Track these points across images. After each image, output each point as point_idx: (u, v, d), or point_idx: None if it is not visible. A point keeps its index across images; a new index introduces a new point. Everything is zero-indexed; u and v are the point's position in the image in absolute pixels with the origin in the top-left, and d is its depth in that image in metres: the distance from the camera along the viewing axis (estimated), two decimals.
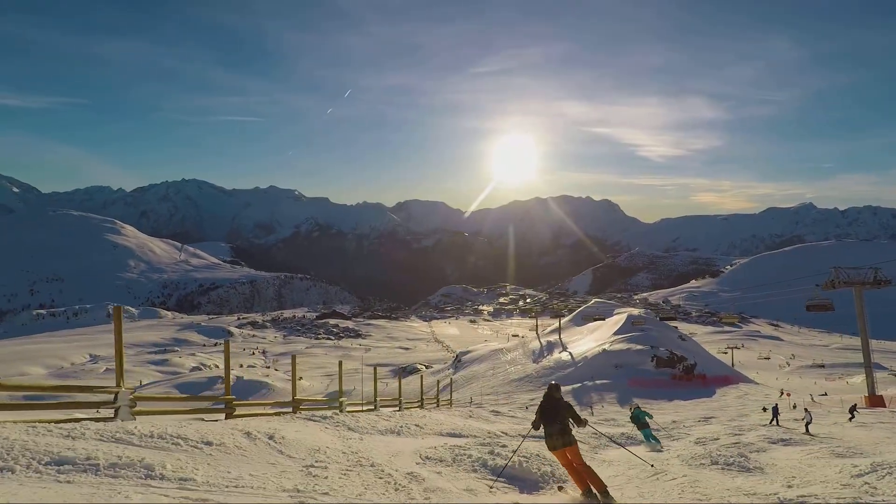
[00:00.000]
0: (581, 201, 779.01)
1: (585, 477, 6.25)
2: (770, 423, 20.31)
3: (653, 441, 13.30)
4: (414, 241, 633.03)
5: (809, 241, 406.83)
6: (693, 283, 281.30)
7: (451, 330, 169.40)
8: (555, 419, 6.46)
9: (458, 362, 64.29)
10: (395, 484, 5.53)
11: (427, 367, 74.84)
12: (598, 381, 38.49)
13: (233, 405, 8.71)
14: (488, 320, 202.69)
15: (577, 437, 6.59)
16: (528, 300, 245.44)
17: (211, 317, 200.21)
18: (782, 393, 39.67)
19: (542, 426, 6.61)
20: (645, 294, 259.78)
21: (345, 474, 5.56)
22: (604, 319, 57.81)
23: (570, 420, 6.50)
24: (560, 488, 6.95)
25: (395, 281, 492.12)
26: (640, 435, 13.95)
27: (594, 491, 6.13)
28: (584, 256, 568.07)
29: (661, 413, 30.25)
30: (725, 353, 73.85)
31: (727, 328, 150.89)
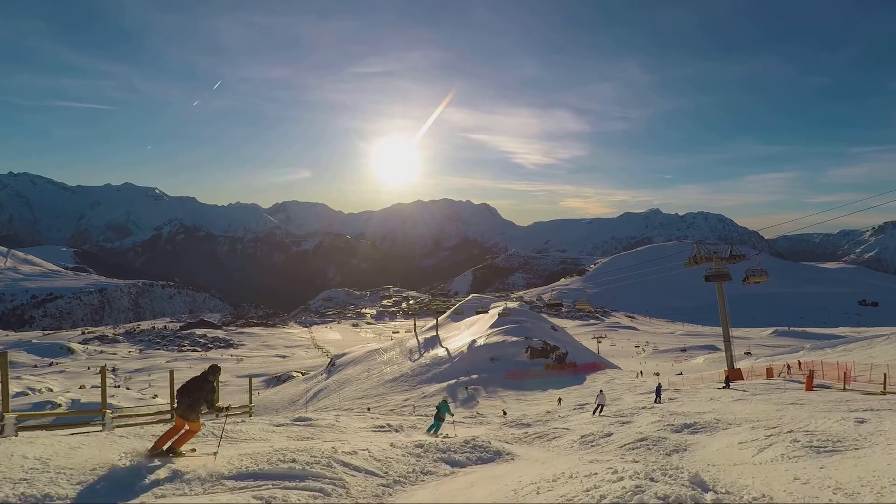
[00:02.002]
0: (461, 205, 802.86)
1: (178, 438, 7.05)
2: (655, 402, 21.45)
3: (432, 431, 13.78)
4: (293, 244, 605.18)
5: (657, 241, 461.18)
6: (563, 281, 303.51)
7: (332, 335, 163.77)
8: (190, 393, 6.97)
9: (333, 366, 61.48)
10: None
11: (303, 374, 70.75)
12: (473, 376, 38.51)
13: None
14: (371, 323, 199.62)
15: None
16: (410, 301, 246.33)
17: (46, 332, 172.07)
18: (657, 374, 43.44)
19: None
20: (521, 292, 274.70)
21: None
22: (487, 312, 58.59)
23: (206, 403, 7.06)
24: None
25: (273, 286, 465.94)
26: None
27: (167, 448, 6.94)
28: (464, 258, 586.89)
29: (536, 403, 30.94)
30: (600, 342, 80.00)
31: (592, 321, 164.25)
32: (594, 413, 19.21)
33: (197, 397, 6.94)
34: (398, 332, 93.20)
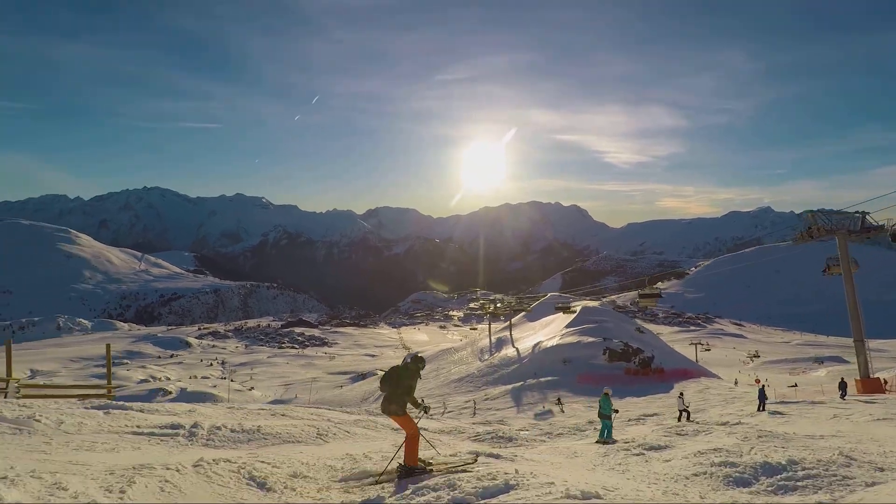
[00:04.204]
0: (550, 207, 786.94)
1: (407, 447, 6.43)
2: (758, 409, 18.80)
3: (605, 436, 12.25)
4: (385, 248, 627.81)
5: (768, 242, 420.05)
6: (659, 284, 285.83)
7: (420, 336, 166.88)
8: (387, 385, 6.48)
9: None
10: None
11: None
12: (542, 379, 36.36)
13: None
14: (458, 325, 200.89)
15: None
16: (497, 304, 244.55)
17: (170, 328, 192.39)
18: (757, 381, 39.02)
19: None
20: (613, 297, 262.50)
21: None
22: (568, 307, 55.67)
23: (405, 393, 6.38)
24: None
25: (366, 288, 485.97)
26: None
27: (402, 462, 6.41)
28: (553, 261, 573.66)
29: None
30: (703, 349, 73.99)
31: (692, 327, 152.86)
32: (679, 419, 17.15)
33: (395, 389, 6.29)
34: (475, 329, 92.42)
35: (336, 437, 10.09)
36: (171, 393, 58.66)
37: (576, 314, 53.71)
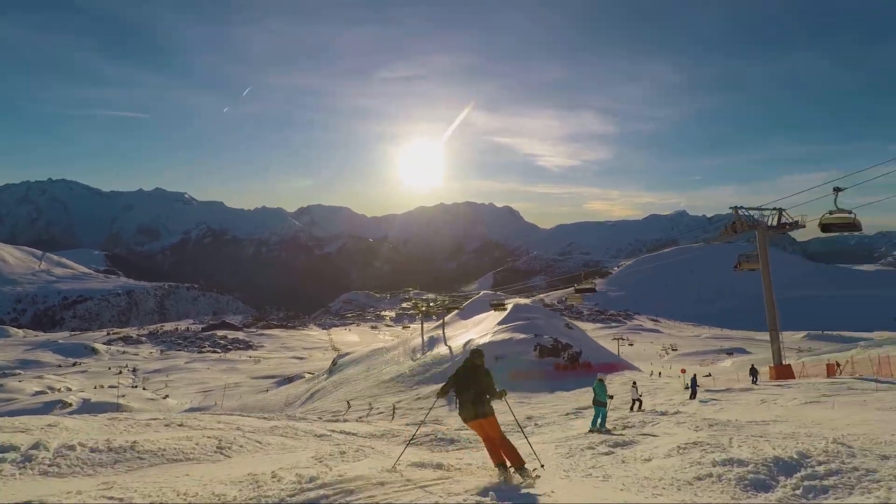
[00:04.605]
0: (484, 208, 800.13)
1: (501, 451, 5.87)
2: (690, 398, 19.47)
3: (599, 424, 11.88)
4: (316, 247, 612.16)
5: (683, 244, 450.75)
6: (585, 283, 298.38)
7: (351, 337, 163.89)
8: (468, 386, 5.95)
9: (335, 366, 60.34)
10: None
11: (311, 375, 70.21)
12: None
13: None
14: (390, 325, 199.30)
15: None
16: (430, 304, 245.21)
17: (73, 333, 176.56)
18: (683, 371, 41.06)
19: (455, 394, 6.10)
20: (542, 295, 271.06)
21: None
22: (503, 305, 56.27)
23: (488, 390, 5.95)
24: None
25: (296, 288, 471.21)
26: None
27: (509, 466, 5.80)
28: (486, 261, 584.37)
29: (540, 406, 29.08)
30: (622, 344, 77.59)
31: (613, 324, 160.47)
32: (632, 409, 17.46)
33: (481, 387, 5.93)
34: (408, 327, 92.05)
35: (243, 450, 8.21)
36: (70, 405, 53.49)
37: (507, 311, 54.49)
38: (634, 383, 20.21)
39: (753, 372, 27.15)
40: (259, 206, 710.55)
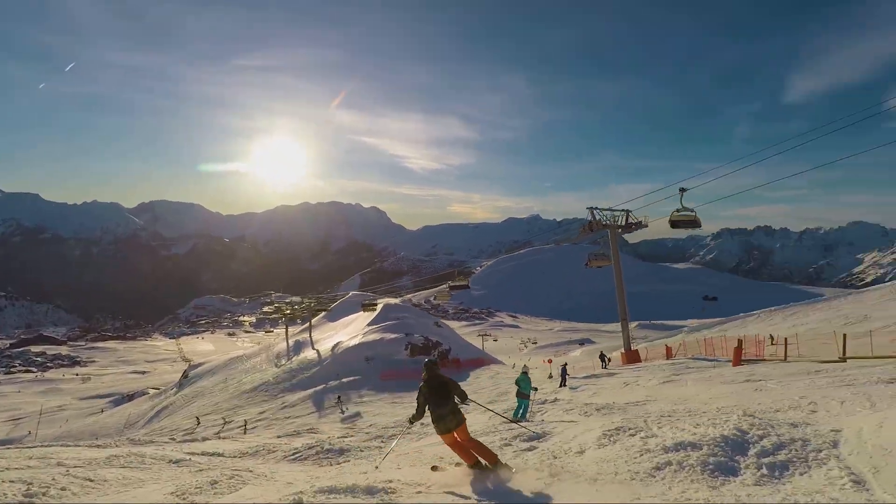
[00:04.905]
0: (350, 208, 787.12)
1: (475, 451, 5.78)
2: (560, 385, 20.54)
3: (521, 415, 11.53)
4: (162, 248, 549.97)
5: (537, 245, 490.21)
6: (450, 283, 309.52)
7: (204, 346, 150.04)
8: (446, 399, 5.81)
9: (186, 378, 55.05)
10: None
11: (157, 391, 63.03)
12: (344, 380, 35.76)
13: None
14: (250, 332, 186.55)
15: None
16: (295, 307, 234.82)
17: None
18: (549, 361, 44.15)
19: (430, 411, 5.87)
20: (409, 295, 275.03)
21: None
22: (375, 305, 55.51)
23: (457, 396, 5.92)
24: (434, 468, 6.21)
25: (137, 295, 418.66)
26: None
27: (484, 463, 5.69)
28: (353, 262, 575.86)
29: (413, 406, 29.29)
30: (486, 340, 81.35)
31: (477, 321, 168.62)
32: (560, 386, 18.11)
33: (449, 400, 5.82)
34: (271, 331, 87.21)
35: (66, 494, 6.06)
36: None
37: (377, 311, 54.18)
38: (564, 365, 21.37)
39: (602, 357, 31.05)
40: (89, 199, 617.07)
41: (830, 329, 27.11)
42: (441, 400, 5.82)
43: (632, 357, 29.41)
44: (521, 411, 11.90)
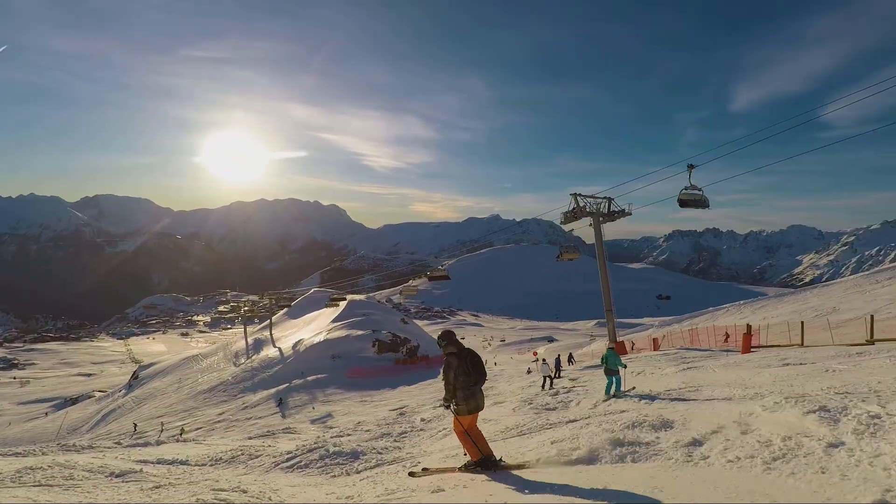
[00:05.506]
0: (309, 205, 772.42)
1: (480, 442, 5.41)
2: (554, 376, 20.08)
3: (612, 391, 11.00)
4: (108, 245, 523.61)
5: (497, 245, 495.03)
6: (412, 282, 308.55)
7: (155, 346, 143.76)
8: (480, 374, 5.33)
9: (136, 379, 52.45)
10: None
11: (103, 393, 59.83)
12: (309, 378, 34.71)
13: None
14: (204, 332, 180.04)
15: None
16: (255, 304, 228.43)
17: None
18: (535, 353, 44.32)
19: (456, 388, 5.30)
20: (371, 294, 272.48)
21: None
22: (344, 300, 54.01)
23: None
24: (412, 474, 5.74)
25: (81, 294, 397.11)
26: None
27: (494, 458, 5.35)
28: (312, 260, 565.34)
29: (384, 404, 28.56)
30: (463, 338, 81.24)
31: (439, 320, 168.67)
32: (543, 387, 16.92)
33: (485, 373, 5.46)
34: (228, 328, 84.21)
35: None
36: None
37: (342, 308, 53.00)
38: (545, 360, 20.91)
39: (570, 358, 31.80)
40: (26, 192, 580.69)
41: (799, 320, 28.04)
42: (477, 374, 5.29)
43: (618, 349, 30.03)
44: (612, 387, 11.32)
